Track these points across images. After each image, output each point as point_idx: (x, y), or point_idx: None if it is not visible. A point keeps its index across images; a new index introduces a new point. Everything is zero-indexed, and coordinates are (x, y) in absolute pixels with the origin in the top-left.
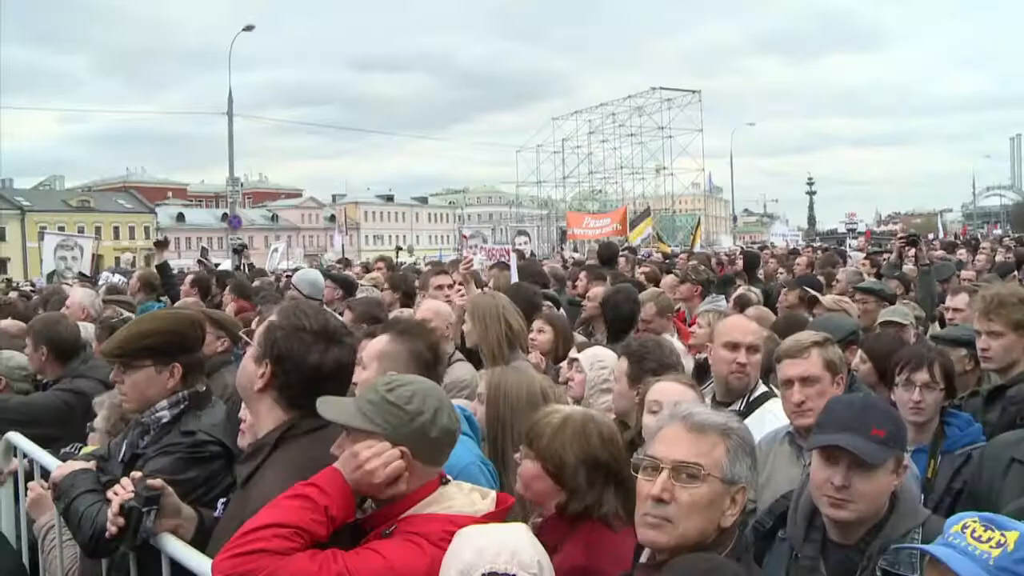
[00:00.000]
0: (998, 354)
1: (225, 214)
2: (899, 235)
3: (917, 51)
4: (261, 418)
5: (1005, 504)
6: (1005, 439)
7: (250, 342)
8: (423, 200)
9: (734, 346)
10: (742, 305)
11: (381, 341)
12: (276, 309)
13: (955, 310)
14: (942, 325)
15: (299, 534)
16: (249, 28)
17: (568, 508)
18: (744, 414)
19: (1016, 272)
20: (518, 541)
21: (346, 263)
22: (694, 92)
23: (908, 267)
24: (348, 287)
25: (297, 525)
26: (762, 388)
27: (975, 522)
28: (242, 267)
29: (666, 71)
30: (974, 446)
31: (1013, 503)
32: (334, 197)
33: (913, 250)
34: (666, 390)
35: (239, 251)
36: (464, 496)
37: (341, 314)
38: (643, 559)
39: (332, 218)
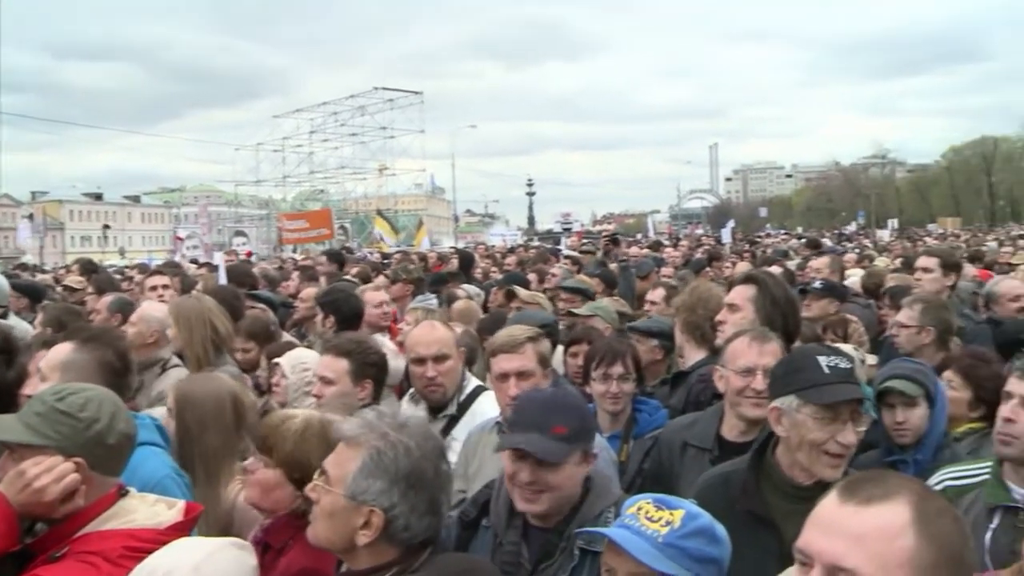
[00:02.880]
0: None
1: None
2: (604, 234)
3: (625, 61)
4: None
5: (686, 484)
6: (678, 423)
7: None
8: (135, 199)
9: (420, 361)
10: (451, 302)
11: (64, 350)
12: None
13: (651, 303)
14: None
15: None
16: None
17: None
18: (458, 416)
19: (708, 268)
20: (178, 562)
21: (22, 268)
22: (416, 93)
23: (614, 265)
24: (35, 295)
25: None
26: (474, 383)
27: (648, 503)
28: None
29: (388, 71)
30: (660, 430)
31: (699, 479)
32: (33, 194)
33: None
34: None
35: None
36: (147, 508)
37: (31, 323)
38: (343, 568)
39: (32, 217)
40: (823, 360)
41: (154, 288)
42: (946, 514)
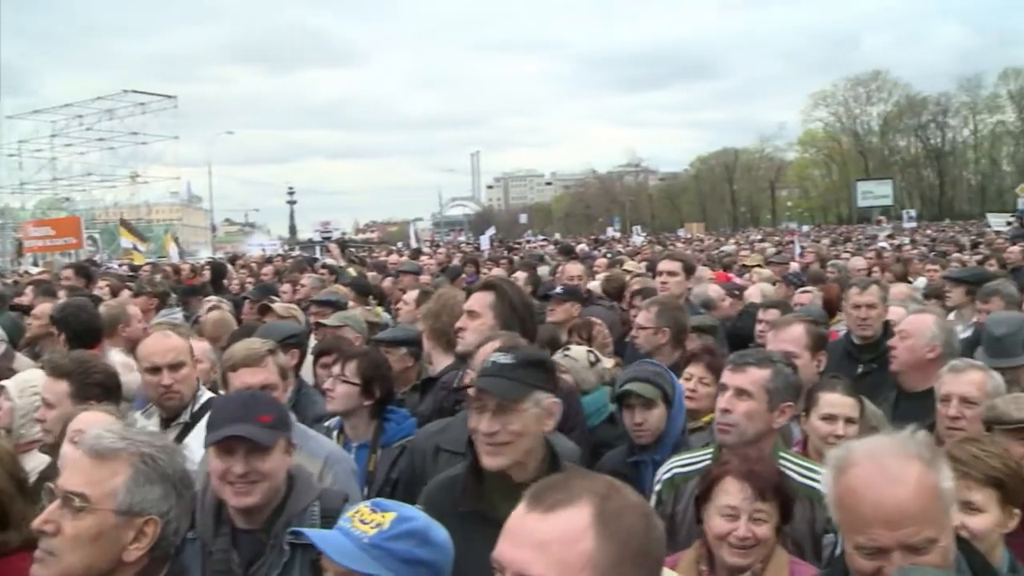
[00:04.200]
0: None
1: None
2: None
3: (387, 70)
4: None
5: None
6: (429, 429)
7: None
8: None
9: (155, 369)
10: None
11: None
12: None
13: (404, 304)
14: None
15: None
16: None
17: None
18: (192, 424)
19: (463, 274)
20: None
21: None
22: (170, 97)
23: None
24: None
25: None
26: (207, 395)
27: (365, 507)
28: None
29: (138, 74)
30: (408, 439)
31: (428, 484)
32: None
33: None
34: (89, 420)
35: None
36: None
37: None
38: None
39: None
40: (494, 356)
41: None
42: (628, 511)
